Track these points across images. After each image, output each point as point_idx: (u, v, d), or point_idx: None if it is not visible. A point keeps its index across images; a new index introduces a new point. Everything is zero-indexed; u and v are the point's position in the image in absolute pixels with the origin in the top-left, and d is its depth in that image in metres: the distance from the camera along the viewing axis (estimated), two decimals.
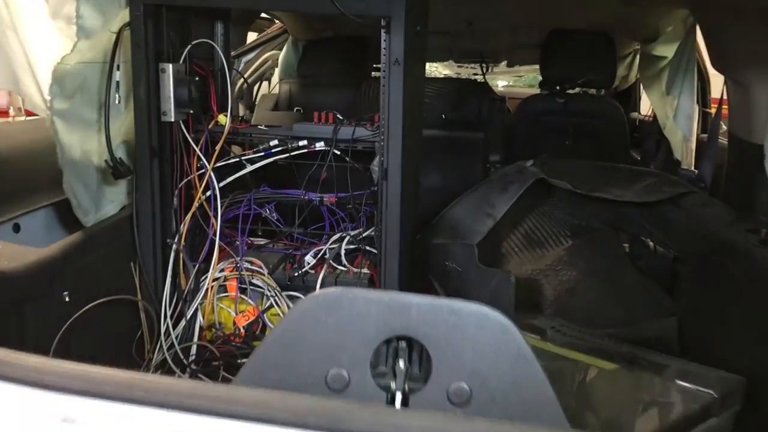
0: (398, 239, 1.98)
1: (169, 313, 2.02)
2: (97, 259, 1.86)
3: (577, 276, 2.75)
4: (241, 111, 3.91)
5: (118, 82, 1.84)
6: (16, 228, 2.02)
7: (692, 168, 2.91)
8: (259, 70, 3.93)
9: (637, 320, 2.54)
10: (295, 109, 3.32)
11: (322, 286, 2.10)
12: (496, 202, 2.37)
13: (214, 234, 2.04)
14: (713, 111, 3.66)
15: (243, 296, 2.10)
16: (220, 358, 1.98)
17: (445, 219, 2.43)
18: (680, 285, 2.49)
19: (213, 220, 2.06)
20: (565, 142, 3.84)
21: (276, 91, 3.77)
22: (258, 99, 3.81)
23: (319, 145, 2.12)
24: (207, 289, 2.07)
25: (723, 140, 2.72)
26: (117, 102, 1.86)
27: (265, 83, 4.08)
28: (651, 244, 2.79)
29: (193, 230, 2.09)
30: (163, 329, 2.00)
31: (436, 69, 5.44)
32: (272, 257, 2.22)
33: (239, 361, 2.00)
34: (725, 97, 2.49)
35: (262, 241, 2.34)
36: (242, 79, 3.73)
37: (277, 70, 3.94)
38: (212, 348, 1.99)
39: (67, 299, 1.70)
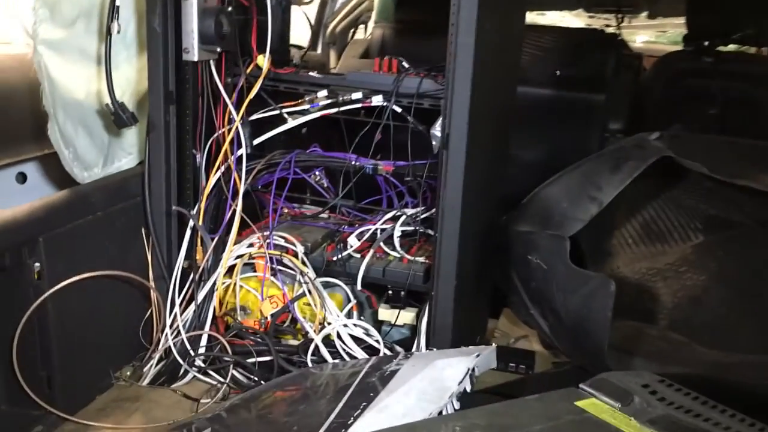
0: (458, 224, 1.53)
1: (177, 295, 1.69)
2: (95, 226, 1.55)
3: (706, 282, 2.18)
4: (332, 59, 3.53)
5: (118, 7, 1.49)
6: (22, 178, 1.74)
7: None
8: (355, 11, 3.51)
9: None
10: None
11: (365, 275, 1.69)
12: (605, 184, 1.85)
13: (235, 200, 1.67)
14: None
15: (273, 278, 1.73)
16: (232, 357, 1.64)
17: (535, 200, 1.93)
18: None
19: (238, 183, 1.69)
20: (710, 112, 3.16)
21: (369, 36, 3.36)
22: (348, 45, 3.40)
23: (377, 100, 1.69)
24: (228, 268, 1.72)
25: None
26: (117, 31, 1.51)
27: (361, 27, 3.67)
28: None
29: (218, 196, 1.73)
30: (168, 314, 1.67)
31: (563, 19, 4.81)
32: (315, 233, 1.83)
33: (254, 360, 1.65)
34: None
35: (308, 212, 1.96)
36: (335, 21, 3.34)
37: (373, 13, 3.51)
38: (223, 341, 1.65)
39: (40, 270, 1.40)
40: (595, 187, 1.86)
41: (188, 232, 1.70)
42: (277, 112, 1.75)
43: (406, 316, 1.73)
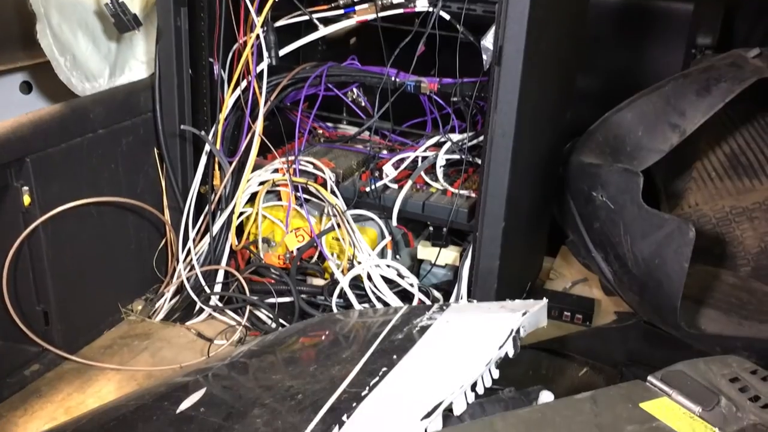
0: (509, 154, 1.29)
1: (192, 225, 1.52)
2: (96, 145, 1.38)
3: None
4: None
5: None
6: (27, 87, 1.57)
7: None
8: None
9: None
10: None
11: (402, 209, 1.48)
12: (689, 109, 1.56)
13: (255, 119, 1.47)
14: None
15: (299, 209, 1.54)
16: (246, 297, 1.47)
17: (605, 127, 1.66)
18: None
19: (259, 99, 1.48)
20: None
21: None
22: None
23: (421, 4, 1.44)
24: (251, 196, 1.54)
25: None
26: None
27: None
28: None
29: (238, 115, 1.53)
30: (182, 246, 1.51)
31: None
32: (348, 159, 1.62)
33: (274, 300, 1.48)
34: None
35: (344, 133, 1.74)
36: None
37: None
38: (240, 278, 1.48)
39: (30, 194, 1.24)
40: (677, 113, 1.57)
41: (204, 156, 1.52)
42: (306, 17, 1.52)
43: (448, 255, 1.52)
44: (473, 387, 0.96)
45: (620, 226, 1.49)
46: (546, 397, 1.02)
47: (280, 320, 1.46)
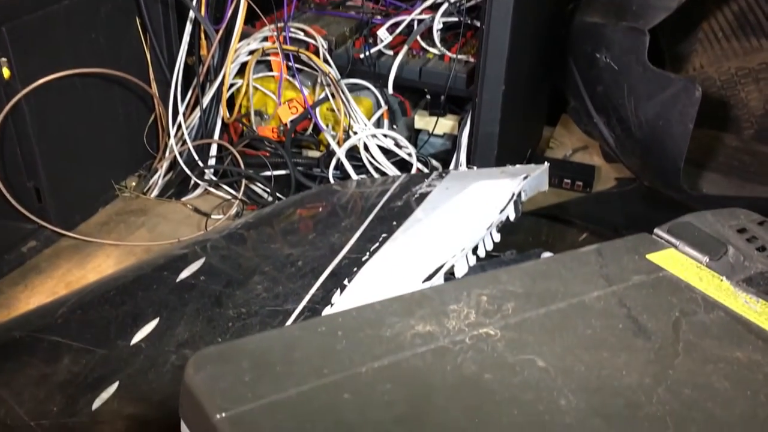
0: (510, 13, 1.22)
1: (181, 98, 1.47)
2: (75, 13, 1.30)
3: None
4: None
5: None
6: None
7: None
8: None
9: None
10: None
11: (398, 76, 1.42)
12: None
13: None
14: None
15: (292, 79, 1.48)
16: (241, 170, 1.44)
17: None
18: None
19: None
20: None
21: None
22: None
23: None
24: (240, 66, 1.48)
25: None
26: None
27: None
28: None
29: None
30: (172, 120, 1.46)
31: None
32: (341, 25, 1.54)
33: (269, 173, 1.45)
34: None
35: None
36: None
37: None
38: (234, 151, 1.44)
39: (9, 66, 1.19)
40: None
41: (189, 24, 1.44)
42: None
43: (446, 124, 1.49)
44: (474, 250, 0.96)
45: (624, 88, 1.44)
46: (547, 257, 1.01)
47: (277, 193, 1.43)
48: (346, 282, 0.88)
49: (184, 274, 0.97)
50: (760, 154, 1.71)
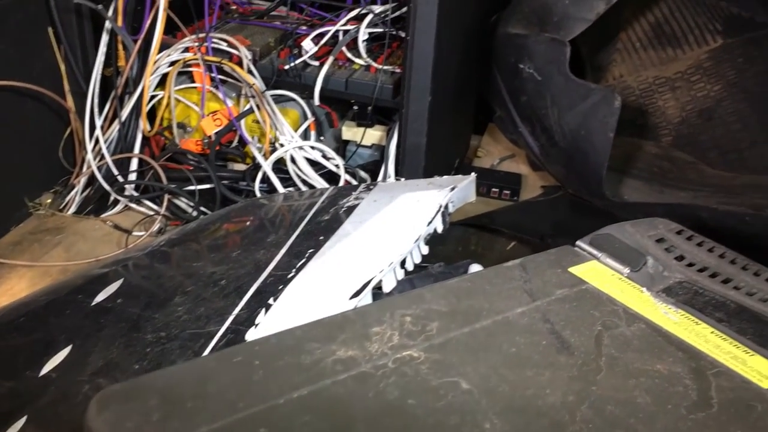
0: (434, 24, 1.22)
1: (98, 111, 1.41)
2: None
3: (720, 92, 1.92)
4: None
5: None
6: None
7: None
8: None
9: None
10: None
11: (324, 87, 1.41)
12: None
13: None
14: None
15: (215, 91, 1.45)
16: (163, 185, 1.39)
17: None
18: None
19: None
20: None
21: None
22: None
23: None
24: (158, 78, 1.43)
25: None
26: None
27: None
28: None
29: None
30: (89, 134, 1.40)
31: None
32: (266, 36, 1.52)
33: (193, 187, 1.41)
34: None
35: (260, 8, 1.62)
36: None
37: None
38: (155, 165, 1.40)
39: None
40: None
41: (105, 34, 1.39)
42: None
43: (374, 135, 1.48)
44: (402, 264, 0.95)
45: (547, 98, 1.46)
46: (475, 269, 1.01)
47: (201, 208, 1.39)
48: (271, 301, 0.85)
49: (101, 296, 0.92)
50: (677, 160, 1.77)
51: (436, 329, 0.55)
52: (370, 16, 1.43)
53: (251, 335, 0.77)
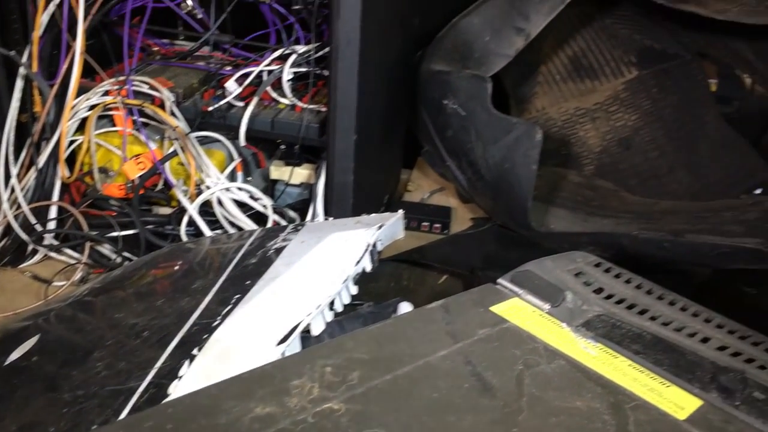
0: (357, 63, 1.24)
1: (14, 158, 1.36)
2: None
3: (636, 121, 2.00)
4: None
5: None
6: None
7: None
8: None
9: (712, 192, 1.84)
10: None
11: (250, 128, 1.40)
12: (533, 13, 1.56)
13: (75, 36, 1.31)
14: None
15: (138, 133, 1.42)
16: (84, 232, 1.35)
17: (453, 33, 1.64)
18: None
19: (77, 14, 1.32)
20: None
21: None
22: None
23: None
24: (78, 122, 1.40)
25: None
26: None
27: None
28: (749, 81, 1.98)
29: (54, 32, 1.37)
30: (4, 183, 1.36)
31: None
32: (189, 77, 1.50)
33: (117, 234, 1.37)
34: None
35: (182, 49, 1.61)
36: None
37: None
38: (75, 213, 1.36)
39: None
40: (522, 17, 1.57)
41: (19, 80, 1.35)
42: None
43: (303, 173, 1.47)
44: (331, 306, 0.94)
45: (472, 132, 1.49)
46: (405, 308, 1.01)
47: (126, 254, 1.36)
48: (195, 351, 0.83)
49: (14, 355, 0.88)
50: (600, 188, 1.82)
51: (357, 378, 0.55)
52: (294, 56, 1.43)
53: (174, 389, 0.75)
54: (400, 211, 1.14)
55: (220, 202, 1.39)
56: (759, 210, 1.54)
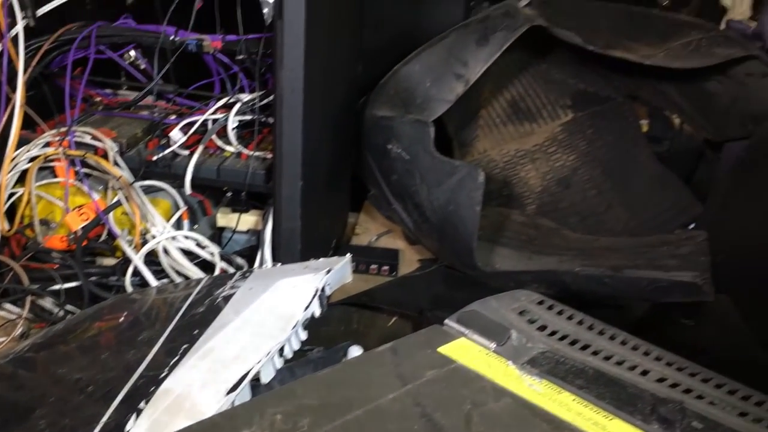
0: (301, 110, 1.26)
1: None
2: None
3: (574, 162, 2.07)
4: None
5: None
6: None
7: (746, 19, 2.12)
8: None
9: (648, 228, 1.90)
10: None
11: (196, 176, 1.40)
12: (471, 59, 1.62)
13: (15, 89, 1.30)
14: None
15: (80, 184, 1.41)
16: (24, 286, 1.32)
17: (395, 80, 1.68)
18: (715, 184, 1.81)
19: (17, 66, 1.32)
20: None
21: None
22: None
23: None
24: (18, 174, 1.38)
25: None
26: None
27: None
28: (677, 121, 2.08)
29: None
30: None
31: None
32: (133, 127, 1.50)
33: (59, 287, 1.35)
34: None
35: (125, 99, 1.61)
36: None
37: None
38: (15, 266, 1.33)
39: None
40: (460, 63, 1.63)
41: None
42: None
43: (250, 220, 1.48)
44: (281, 352, 0.94)
45: (416, 176, 1.52)
46: (355, 351, 1.02)
47: (69, 307, 1.33)
48: (142, 404, 0.82)
49: None
50: (542, 227, 1.87)
51: (308, 425, 0.55)
52: (238, 105, 1.44)
53: None
54: (348, 255, 1.16)
55: (166, 251, 1.38)
56: (692, 244, 1.60)
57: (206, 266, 1.41)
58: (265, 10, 1.27)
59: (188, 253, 1.40)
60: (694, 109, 1.95)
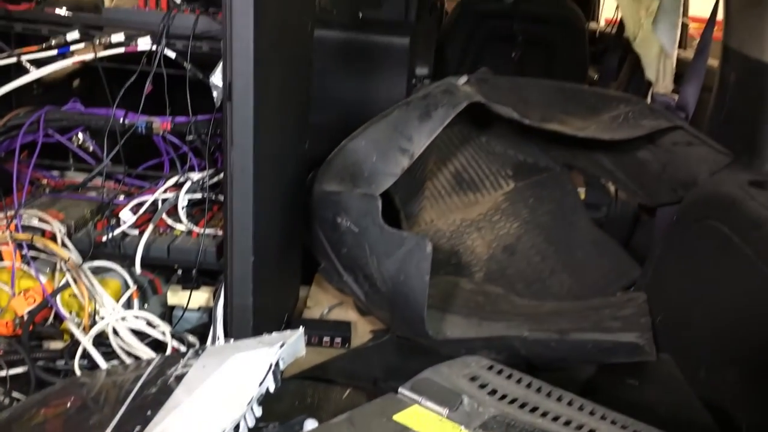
0: (250, 188, 1.28)
1: None
2: None
3: (518, 229, 2.14)
4: None
5: None
6: None
7: (670, 92, 2.26)
8: None
9: (591, 291, 1.97)
10: None
11: (146, 255, 1.40)
12: (415, 134, 1.68)
13: None
14: (692, 21, 3.03)
15: (27, 267, 1.39)
16: None
17: (342, 156, 1.73)
18: (652, 247, 1.89)
19: None
20: (511, 54, 3.17)
21: None
22: None
23: (144, 43, 1.39)
24: None
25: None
26: None
27: None
28: (612, 188, 2.18)
29: None
30: None
31: None
32: (81, 208, 1.50)
33: (3, 373, 1.31)
34: None
35: (73, 181, 1.61)
36: None
37: None
38: None
39: None
40: (405, 138, 1.69)
41: None
42: (14, 59, 1.39)
43: (201, 297, 1.48)
44: (236, 430, 0.94)
45: (366, 248, 1.56)
46: (310, 425, 1.02)
47: (15, 394, 1.29)
48: None
49: None
50: (491, 294, 1.92)
51: None
52: (188, 183, 1.47)
53: None
54: (301, 329, 1.17)
55: (116, 332, 1.36)
56: (633, 306, 1.67)
57: (158, 346, 1.40)
58: (215, 93, 1.31)
59: (139, 333, 1.39)
60: (627, 177, 2.06)
